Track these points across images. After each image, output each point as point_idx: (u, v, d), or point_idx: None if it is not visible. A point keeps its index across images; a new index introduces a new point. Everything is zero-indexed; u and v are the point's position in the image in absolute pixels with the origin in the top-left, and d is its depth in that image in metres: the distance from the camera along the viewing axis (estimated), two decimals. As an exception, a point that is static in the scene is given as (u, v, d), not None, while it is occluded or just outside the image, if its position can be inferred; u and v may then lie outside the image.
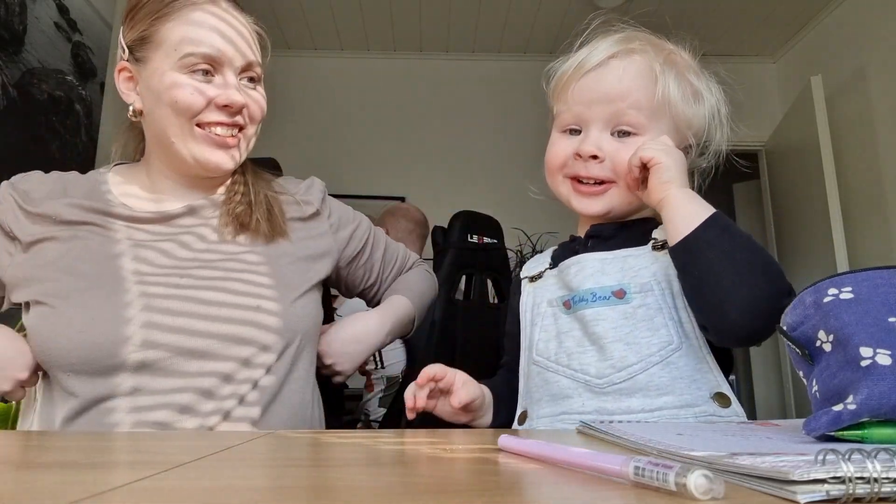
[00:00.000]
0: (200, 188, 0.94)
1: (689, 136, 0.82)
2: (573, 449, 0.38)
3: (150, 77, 0.87)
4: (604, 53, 0.80)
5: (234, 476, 0.37)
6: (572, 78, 0.81)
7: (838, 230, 2.95)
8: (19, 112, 2.15)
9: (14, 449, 0.48)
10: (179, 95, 0.85)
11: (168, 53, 0.86)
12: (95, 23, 2.57)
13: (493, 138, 3.90)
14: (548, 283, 0.85)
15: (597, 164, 0.79)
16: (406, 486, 0.35)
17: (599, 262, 0.78)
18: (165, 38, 0.86)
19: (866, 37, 3.10)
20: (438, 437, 0.58)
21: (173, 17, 0.87)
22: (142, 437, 0.58)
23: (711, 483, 0.28)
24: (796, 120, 3.33)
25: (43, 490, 0.32)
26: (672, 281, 0.74)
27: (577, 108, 0.80)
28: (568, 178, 0.82)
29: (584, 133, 0.80)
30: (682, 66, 0.82)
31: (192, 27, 0.86)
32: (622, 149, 0.78)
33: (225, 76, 0.88)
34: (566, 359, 0.76)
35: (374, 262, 1.07)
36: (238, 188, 0.96)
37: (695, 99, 0.82)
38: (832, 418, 0.42)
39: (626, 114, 0.78)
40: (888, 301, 0.45)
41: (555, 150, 0.83)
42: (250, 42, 0.93)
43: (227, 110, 0.88)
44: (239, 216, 0.91)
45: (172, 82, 0.85)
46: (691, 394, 0.70)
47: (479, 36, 3.85)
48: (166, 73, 0.86)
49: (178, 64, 0.85)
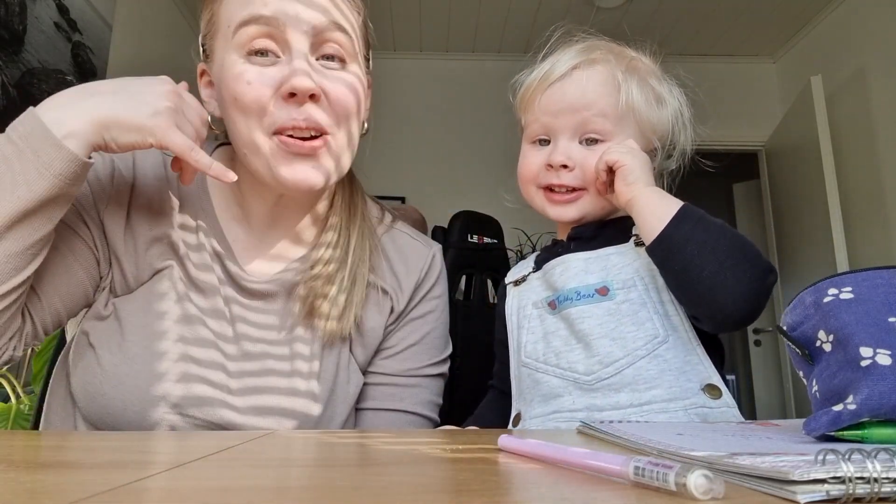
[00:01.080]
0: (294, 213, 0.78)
1: (654, 140, 0.84)
2: (573, 449, 0.38)
3: (214, 72, 0.72)
4: (566, 65, 0.82)
5: (234, 476, 0.37)
6: (537, 90, 0.84)
7: (838, 230, 2.95)
8: (19, 112, 2.15)
9: (14, 449, 0.48)
10: (238, 88, 0.67)
11: (224, 34, 0.69)
12: (95, 23, 2.57)
13: (493, 138, 3.90)
14: (532, 286, 0.86)
15: (567, 173, 0.81)
16: (406, 486, 0.35)
17: (583, 262, 0.80)
18: (222, 16, 0.70)
19: (866, 37, 3.10)
20: (438, 437, 0.58)
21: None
22: (142, 437, 0.58)
23: (711, 483, 0.28)
24: (796, 120, 3.34)
25: (43, 490, 0.32)
26: (656, 276, 0.75)
27: (545, 119, 0.83)
28: (541, 188, 0.84)
29: (553, 143, 0.83)
30: (644, 72, 0.85)
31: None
32: (590, 156, 0.80)
33: (292, 52, 0.68)
34: (554, 358, 0.77)
35: None
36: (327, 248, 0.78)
37: (658, 103, 0.84)
38: (832, 418, 0.42)
39: (592, 122, 0.80)
40: (888, 301, 0.45)
41: (526, 163, 0.85)
42: (337, 3, 0.71)
43: (294, 102, 0.67)
44: (310, 307, 0.75)
45: (229, 72, 0.68)
46: (680, 386, 0.70)
47: (479, 36, 3.85)
48: (224, 63, 0.69)
49: (235, 44, 0.68)
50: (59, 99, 0.64)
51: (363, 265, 0.79)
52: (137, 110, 0.63)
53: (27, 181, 0.61)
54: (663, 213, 0.70)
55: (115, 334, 0.71)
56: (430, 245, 0.89)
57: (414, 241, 0.89)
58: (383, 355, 0.83)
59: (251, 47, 0.68)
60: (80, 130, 0.62)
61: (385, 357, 0.83)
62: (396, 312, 0.83)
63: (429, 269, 0.86)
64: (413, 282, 0.84)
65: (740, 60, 3.88)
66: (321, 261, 0.78)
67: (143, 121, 0.63)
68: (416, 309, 0.85)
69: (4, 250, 0.61)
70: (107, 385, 0.68)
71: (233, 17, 0.68)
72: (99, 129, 0.63)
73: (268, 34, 0.67)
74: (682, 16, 3.36)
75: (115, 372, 0.69)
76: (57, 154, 0.61)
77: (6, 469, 0.37)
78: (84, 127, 0.62)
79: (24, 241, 0.62)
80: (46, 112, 0.63)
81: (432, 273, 0.87)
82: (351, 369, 0.80)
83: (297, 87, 0.66)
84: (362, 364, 0.82)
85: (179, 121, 0.66)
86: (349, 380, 0.79)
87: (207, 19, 0.73)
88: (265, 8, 0.67)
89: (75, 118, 0.62)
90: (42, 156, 0.61)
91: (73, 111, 0.63)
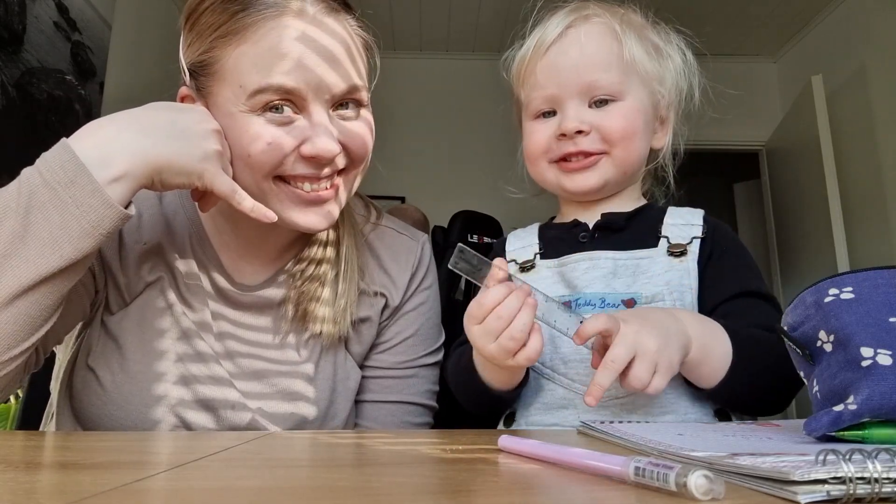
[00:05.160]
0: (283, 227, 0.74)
1: (663, 91, 0.80)
2: (573, 449, 0.38)
3: (216, 115, 0.67)
4: (560, 26, 0.78)
5: (234, 476, 0.37)
6: (533, 59, 0.79)
7: (839, 230, 2.95)
8: (18, 112, 2.15)
9: (14, 449, 0.48)
10: (253, 148, 0.65)
11: (234, 90, 0.65)
12: (95, 22, 2.57)
13: (493, 138, 3.89)
14: (542, 276, 0.78)
15: (584, 138, 0.75)
16: (406, 486, 0.35)
17: (612, 263, 0.74)
18: (231, 66, 0.65)
19: (867, 36, 3.10)
20: (438, 437, 0.58)
21: (241, 36, 0.64)
22: (142, 438, 0.58)
23: (712, 483, 0.28)
24: (797, 119, 3.34)
25: (43, 490, 0.31)
26: (684, 292, 0.71)
27: (548, 89, 0.77)
28: (553, 162, 0.79)
29: (561, 112, 0.77)
30: (638, 25, 0.81)
31: (265, 52, 0.64)
32: (605, 117, 0.75)
33: (312, 113, 0.66)
34: (562, 366, 0.72)
35: None
36: (318, 247, 0.78)
37: (658, 54, 0.80)
38: (833, 418, 0.42)
39: (599, 81, 0.75)
40: (889, 301, 0.45)
41: (534, 138, 0.79)
42: (354, 58, 0.70)
43: (314, 162, 0.67)
44: (303, 312, 0.75)
45: (242, 129, 0.65)
46: (696, 412, 0.68)
47: (479, 35, 3.85)
48: (234, 116, 0.65)
49: (248, 104, 0.65)
50: (103, 132, 0.60)
51: (354, 265, 0.79)
52: (190, 154, 0.62)
53: (70, 238, 0.56)
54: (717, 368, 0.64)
55: (113, 354, 0.71)
56: (417, 237, 0.89)
57: (401, 236, 0.88)
58: (379, 349, 0.83)
59: (268, 106, 0.65)
60: (131, 173, 0.59)
61: (381, 351, 0.83)
62: (391, 308, 0.83)
63: (419, 263, 0.86)
64: (406, 278, 0.84)
65: (740, 60, 3.87)
66: (313, 261, 0.77)
67: (195, 165, 0.62)
68: (410, 302, 0.85)
69: (26, 309, 0.57)
70: (111, 405, 0.69)
71: (247, 79, 0.64)
72: (151, 172, 0.60)
73: (288, 99, 0.65)
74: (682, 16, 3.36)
75: (118, 392, 0.69)
76: (106, 213, 0.57)
77: (6, 469, 0.37)
78: (136, 170, 0.59)
79: (51, 298, 0.58)
80: (87, 147, 0.58)
81: (422, 265, 0.87)
82: (349, 365, 0.80)
83: (322, 153, 0.66)
84: (358, 359, 0.82)
85: (224, 162, 0.65)
86: (348, 376, 0.79)
87: (202, 50, 0.67)
88: (287, 78, 0.64)
89: (125, 158, 0.58)
90: (89, 213, 0.56)
91: (121, 149, 0.59)
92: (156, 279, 0.73)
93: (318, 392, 0.75)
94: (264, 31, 0.64)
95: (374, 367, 0.83)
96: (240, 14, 0.64)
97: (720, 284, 0.72)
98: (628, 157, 0.77)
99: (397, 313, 0.84)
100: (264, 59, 0.64)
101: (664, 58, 0.81)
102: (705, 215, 0.78)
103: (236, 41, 0.65)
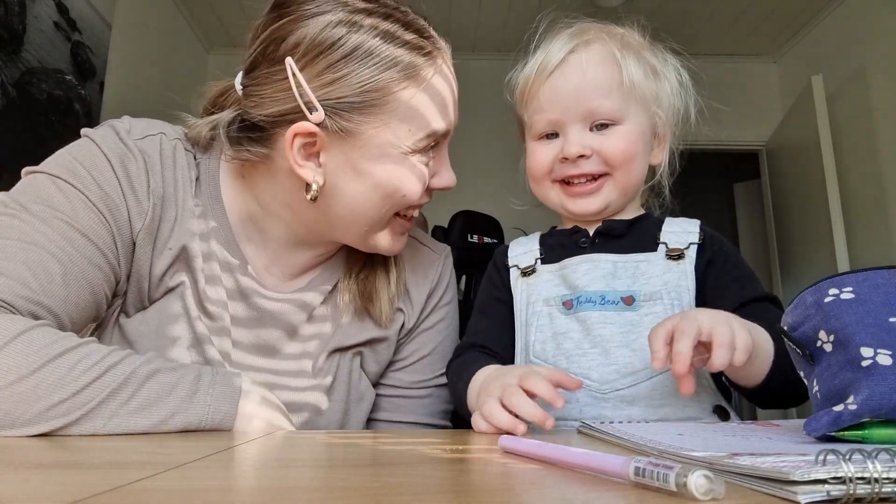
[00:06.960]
0: (317, 239, 0.76)
1: (660, 112, 0.81)
2: (573, 449, 0.38)
3: (359, 151, 0.65)
4: (563, 51, 0.79)
5: (234, 476, 0.37)
6: (536, 82, 0.81)
7: (839, 230, 2.95)
8: (18, 112, 2.15)
9: (14, 449, 0.48)
10: (409, 187, 0.68)
11: (401, 130, 0.65)
12: (95, 22, 2.57)
13: (492, 138, 3.90)
14: (543, 279, 0.81)
15: (586, 161, 0.78)
16: (406, 486, 0.35)
17: (612, 264, 0.76)
18: (398, 108, 0.65)
19: (867, 36, 3.10)
20: (438, 437, 0.58)
21: (414, 78, 0.65)
22: (142, 437, 0.58)
23: (712, 483, 0.28)
24: (797, 119, 3.33)
25: (43, 490, 0.31)
26: (682, 293, 0.73)
27: (551, 114, 0.79)
28: (556, 182, 0.81)
29: (563, 135, 0.79)
30: (637, 47, 0.82)
31: (432, 95, 0.67)
32: (606, 141, 0.77)
33: (441, 151, 0.73)
34: (565, 362, 0.74)
35: None
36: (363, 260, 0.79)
37: (654, 75, 0.82)
38: (833, 418, 0.42)
39: (600, 107, 0.77)
40: (889, 301, 0.45)
41: (537, 158, 0.81)
42: None
43: (429, 194, 0.74)
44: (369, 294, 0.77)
45: (403, 169, 0.67)
46: (693, 407, 0.70)
47: (479, 36, 3.85)
48: (392, 157, 0.66)
49: (415, 145, 0.67)
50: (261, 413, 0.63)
51: (402, 261, 0.82)
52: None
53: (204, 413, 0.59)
54: (762, 365, 0.63)
55: None
56: (440, 250, 0.88)
57: (423, 248, 0.87)
58: (395, 367, 0.83)
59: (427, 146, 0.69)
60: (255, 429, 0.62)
61: (397, 369, 0.83)
62: (408, 328, 0.82)
63: (439, 279, 0.85)
64: (425, 293, 0.83)
65: (741, 60, 3.87)
66: (360, 262, 0.79)
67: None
68: (428, 319, 0.84)
69: None
70: None
71: (420, 122, 0.67)
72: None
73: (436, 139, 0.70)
74: (682, 16, 3.36)
75: None
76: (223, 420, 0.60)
77: (6, 469, 0.37)
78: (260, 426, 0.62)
79: None
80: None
81: (443, 281, 0.86)
82: (363, 386, 0.79)
83: (450, 185, 0.74)
84: (374, 378, 0.81)
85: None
86: (362, 397, 0.78)
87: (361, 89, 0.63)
88: (447, 121, 0.70)
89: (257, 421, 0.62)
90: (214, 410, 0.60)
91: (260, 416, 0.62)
92: (177, 284, 0.72)
93: (332, 404, 0.75)
94: (434, 66, 0.68)
95: (390, 385, 0.83)
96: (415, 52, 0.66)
97: (728, 293, 0.74)
98: (629, 180, 0.79)
99: (415, 330, 0.83)
100: (437, 102, 0.68)
101: (661, 79, 0.83)
102: (701, 224, 0.80)
103: (409, 81, 0.66)
